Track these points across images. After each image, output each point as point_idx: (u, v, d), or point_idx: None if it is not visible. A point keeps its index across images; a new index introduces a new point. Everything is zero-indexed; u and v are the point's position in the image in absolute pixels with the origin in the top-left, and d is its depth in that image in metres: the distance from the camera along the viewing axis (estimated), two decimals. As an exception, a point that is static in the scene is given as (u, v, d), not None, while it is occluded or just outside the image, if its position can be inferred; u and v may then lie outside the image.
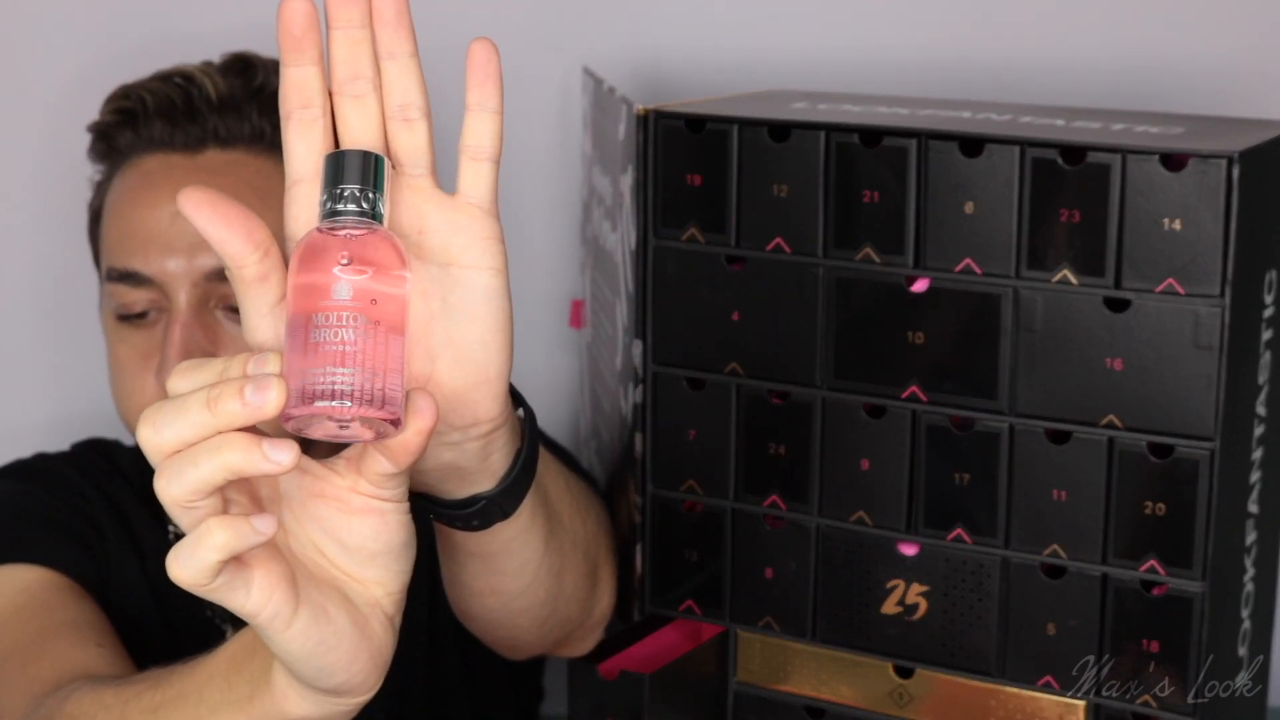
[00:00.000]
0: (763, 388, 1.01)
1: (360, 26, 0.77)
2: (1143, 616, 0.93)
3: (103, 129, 1.20)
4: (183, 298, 1.12)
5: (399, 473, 0.78)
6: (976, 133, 0.94)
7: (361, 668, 0.80)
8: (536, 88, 1.37)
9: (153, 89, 1.17)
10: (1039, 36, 1.33)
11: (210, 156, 1.16)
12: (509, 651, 1.08)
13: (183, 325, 1.11)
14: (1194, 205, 0.89)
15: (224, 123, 1.16)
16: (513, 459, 0.87)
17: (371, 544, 0.79)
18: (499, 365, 0.82)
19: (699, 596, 1.05)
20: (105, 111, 1.20)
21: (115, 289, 1.15)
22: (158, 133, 1.16)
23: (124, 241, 1.15)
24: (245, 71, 1.18)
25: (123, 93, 1.19)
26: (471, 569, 0.95)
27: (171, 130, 1.16)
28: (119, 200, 1.17)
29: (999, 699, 0.98)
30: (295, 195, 0.79)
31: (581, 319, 1.31)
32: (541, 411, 1.41)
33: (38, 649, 1.05)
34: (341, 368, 0.73)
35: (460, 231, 0.80)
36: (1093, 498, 0.93)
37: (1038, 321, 0.93)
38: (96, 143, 1.21)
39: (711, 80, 1.32)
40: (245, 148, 1.16)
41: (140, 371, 1.14)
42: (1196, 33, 1.32)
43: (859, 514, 0.99)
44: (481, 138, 0.80)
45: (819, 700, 1.03)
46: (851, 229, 0.97)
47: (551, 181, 1.38)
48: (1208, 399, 0.90)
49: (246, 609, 0.75)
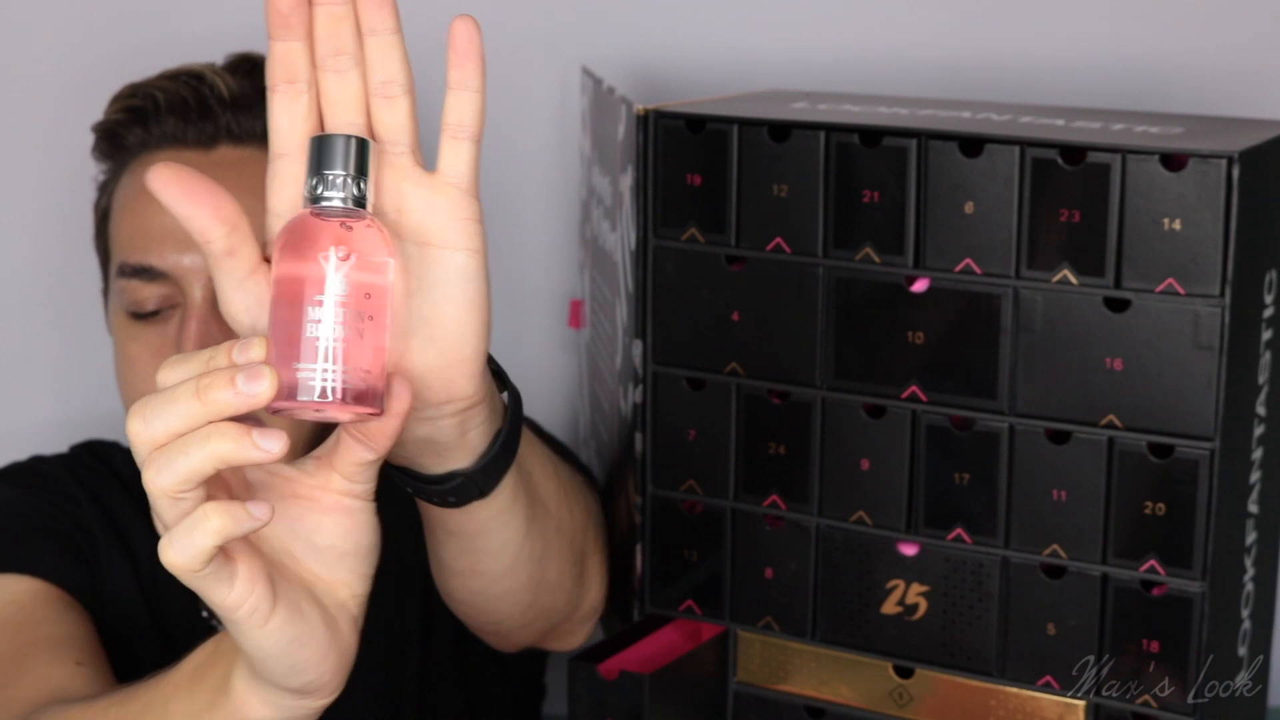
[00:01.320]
0: (763, 388, 1.01)
1: (342, 3, 0.78)
2: (1143, 616, 0.93)
3: (110, 127, 1.19)
4: (198, 292, 1.12)
5: (374, 460, 0.79)
6: (976, 133, 0.94)
7: (330, 667, 0.80)
8: (535, 87, 1.37)
9: (163, 87, 1.17)
10: (1039, 36, 1.33)
11: (224, 152, 1.16)
12: (495, 639, 1.09)
13: (199, 320, 1.11)
14: (1194, 205, 0.89)
15: (237, 120, 1.16)
16: (492, 438, 0.87)
17: (341, 544, 0.80)
18: (474, 345, 0.82)
19: (699, 596, 1.05)
20: (113, 110, 1.20)
21: (128, 285, 1.14)
22: (170, 129, 1.16)
23: (137, 237, 1.14)
24: (253, 71, 1.18)
25: (131, 91, 1.19)
26: (451, 548, 0.95)
27: (184, 127, 1.16)
28: (131, 197, 1.17)
29: (999, 699, 0.98)
30: (278, 170, 0.79)
31: (581, 319, 1.31)
32: (541, 411, 1.42)
33: (17, 668, 1.05)
34: (331, 364, 0.74)
35: (438, 211, 0.80)
36: (1093, 498, 0.93)
37: (1038, 321, 0.93)
38: (103, 141, 1.20)
39: (711, 80, 1.32)
40: (259, 144, 1.16)
41: (153, 369, 1.12)
42: (1196, 33, 1.32)
43: (859, 514, 0.99)
44: (462, 116, 0.80)
45: (819, 700, 1.03)
46: (851, 229, 0.97)
47: (550, 181, 1.38)
48: (1208, 399, 0.90)
49: (228, 601, 0.76)
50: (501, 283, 1.40)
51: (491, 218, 1.38)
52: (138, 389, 1.15)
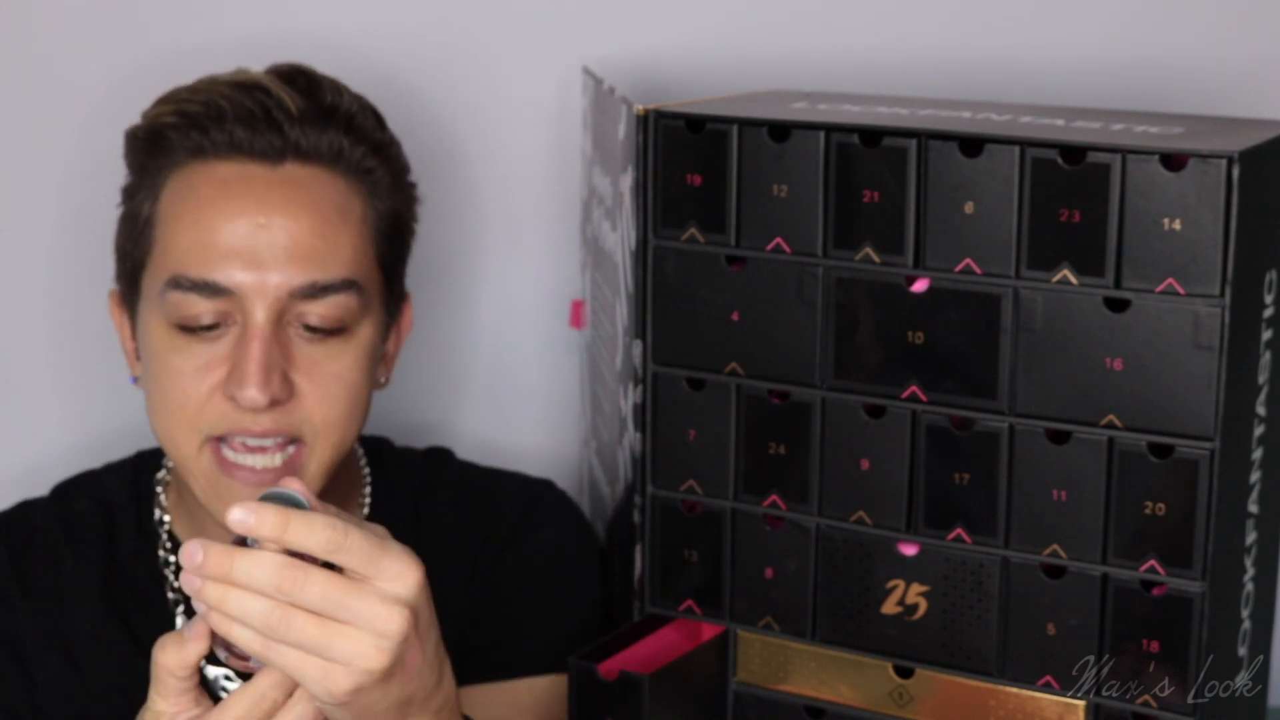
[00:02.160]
0: (763, 388, 1.01)
1: None
2: (1143, 616, 0.93)
3: (159, 129, 1.13)
4: (261, 314, 1.08)
5: None
6: (976, 133, 0.94)
7: None
8: (536, 88, 1.37)
9: (224, 94, 1.12)
10: (1039, 36, 1.33)
11: (290, 169, 1.11)
12: None
13: (263, 341, 1.07)
14: (1194, 205, 0.89)
15: (305, 135, 1.12)
16: None
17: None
18: None
19: (699, 596, 1.05)
20: (163, 111, 1.14)
21: (183, 299, 1.09)
22: (235, 138, 1.11)
23: (200, 252, 1.09)
24: (310, 87, 1.14)
25: (186, 94, 1.14)
26: None
27: (251, 137, 1.11)
28: (192, 208, 1.11)
29: (999, 699, 0.98)
30: None
31: (582, 319, 1.31)
32: (543, 412, 1.42)
33: None
34: None
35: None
36: (1093, 498, 0.93)
37: (1038, 321, 0.93)
38: (145, 143, 1.14)
39: (711, 80, 1.32)
40: (325, 165, 1.12)
41: (198, 382, 1.09)
42: (1196, 33, 1.32)
43: (859, 514, 0.99)
44: None
45: (819, 700, 1.03)
46: (851, 229, 0.97)
47: (552, 182, 1.38)
48: (1208, 399, 0.90)
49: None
50: (502, 283, 1.41)
51: (493, 218, 1.39)
52: (176, 400, 1.10)
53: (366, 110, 1.15)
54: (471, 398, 1.42)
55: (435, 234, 1.34)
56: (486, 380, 1.42)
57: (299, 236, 1.09)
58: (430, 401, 1.41)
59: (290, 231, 1.09)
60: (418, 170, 1.19)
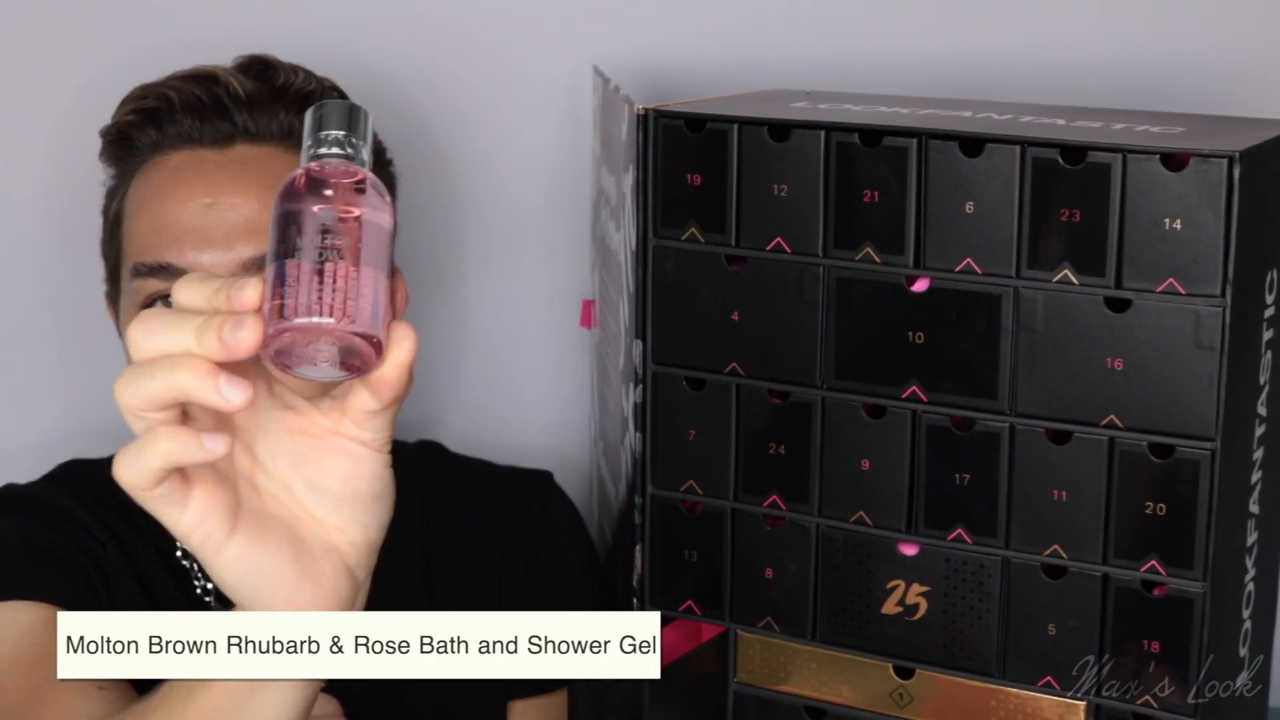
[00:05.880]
0: (763, 388, 1.01)
1: None
2: (1143, 617, 0.93)
3: (122, 129, 1.18)
4: None
5: (381, 409, 0.78)
6: (976, 132, 0.94)
7: (305, 604, 0.79)
8: (546, 87, 1.37)
9: (176, 87, 1.16)
10: (1039, 36, 1.33)
11: (241, 150, 1.15)
12: None
13: None
14: (1194, 205, 0.89)
15: (253, 119, 1.15)
16: None
17: (338, 488, 0.79)
18: None
19: (699, 596, 1.05)
20: (124, 111, 1.18)
21: (144, 284, 1.13)
22: (185, 129, 1.15)
23: (155, 236, 1.13)
24: (265, 72, 1.17)
25: (142, 92, 1.18)
26: None
27: (200, 126, 1.15)
28: (147, 198, 1.15)
29: (999, 699, 0.98)
30: None
31: (592, 319, 1.31)
32: (552, 412, 1.42)
33: (39, 705, 1.04)
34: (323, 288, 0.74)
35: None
36: (1093, 498, 0.93)
37: (1038, 321, 0.93)
38: (112, 144, 1.19)
39: (720, 80, 1.32)
40: (276, 143, 1.15)
41: None
42: (1196, 33, 1.32)
43: (859, 514, 0.99)
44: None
45: (819, 700, 1.03)
46: (851, 229, 0.97)
47: (562, 181, 1.38)
48: (1208, 399, 0.90)
49: (180, 526, 0.76)
50: (514, 282, 1.41)
51: (504, 217, 1.39)
52: None
53: (329, 91, 1.19)
54: (483, 397, 1.43)
55: (446, 233, 1.34)
56: (499, 380, 1.43)
57: (248, 212, 1.11)
58: (440, 400, 1.41)
59: (239, 209, 1.11)
60: (430, 168, 1.19)
